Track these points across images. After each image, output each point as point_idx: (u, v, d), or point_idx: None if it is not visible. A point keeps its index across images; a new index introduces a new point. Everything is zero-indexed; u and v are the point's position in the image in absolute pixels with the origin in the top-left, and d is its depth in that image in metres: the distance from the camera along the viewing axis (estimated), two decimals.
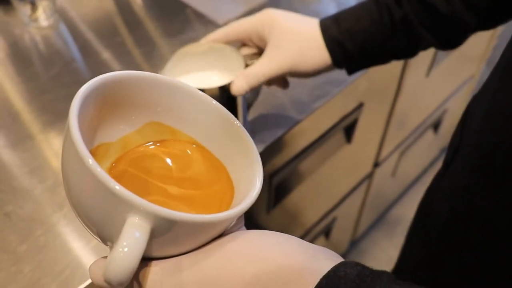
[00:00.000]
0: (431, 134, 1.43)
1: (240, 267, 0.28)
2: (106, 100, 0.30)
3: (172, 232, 0.25)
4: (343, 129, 0.88)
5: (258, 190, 0.30)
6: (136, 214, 0.23)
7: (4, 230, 0.57)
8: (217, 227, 0.28)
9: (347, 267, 0.28)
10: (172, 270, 0.28)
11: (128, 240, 0.23)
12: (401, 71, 0.93)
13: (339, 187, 1.09)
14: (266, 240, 0.30)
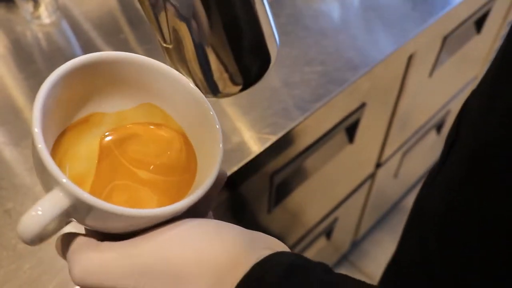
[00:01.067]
0: (434, 135, 1.42)
1: (176, 255, 0.29)
2: (99, 76, 0.32)
3: (95, 214, 0.28)
4: (345, 129, 0.88)
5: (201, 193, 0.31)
6: (60, 189, 0.27)
7: (4, 227, 0.56)
8: (140, 220, 0.29)
9: (282, 256, 0.29)
10: (91, 254, 0.29)
11: (43, 206, 0.27)
12: (404, 71, 0.92)
13: (341, 187, 1.09)
14: (206, 229, 0.30)
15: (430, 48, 0.97)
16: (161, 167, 0.35)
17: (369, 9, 0.86)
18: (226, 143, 0.66)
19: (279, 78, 0.74)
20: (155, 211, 0.29)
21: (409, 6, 0.87)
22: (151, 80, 0.34)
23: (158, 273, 0.29)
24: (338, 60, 0.77)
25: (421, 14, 0.86)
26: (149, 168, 0.34)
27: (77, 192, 0.27)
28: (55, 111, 0.30)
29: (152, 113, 0.36)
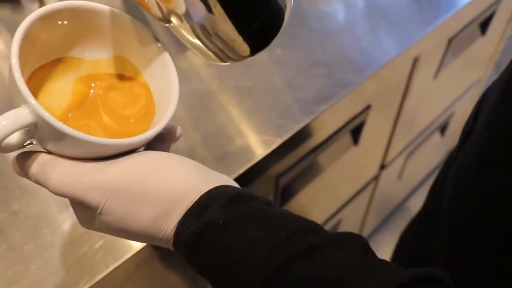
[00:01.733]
0: (438, 136, 1.42)
1: (138, 178, 0.33)
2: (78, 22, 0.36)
3: (57, 135, 0.31)
4: (350, 131, 0.88)
5: (154, 132, 0.34)
6: (26, 106, 0.30)
7: (11, 229, 0.57)
8: (96, 147, 0.32)
9: (230, 188, 0.33)
10: (67, 167, 0.33)
11: (7, 119, 0.30)
12: (409, 73, 0.92)
13: (345, 189, 1.09)
14: (167, 160, 0.34)
15: (435, 50, 0.97)
16: (124, 118, 0.38)
17: (374, 10, 0.86)
18: (230, 146, 0.66)
19: (284, 80, 0.74)
20: (116, 140, 0.32)
21: (415, 8, 0.87)
22: (123, 33, 0.38)
23: (120, 192, 0.32)
24: (343, 62, 0.77)
25: (427, 17, 0.86)
26: (113, 116, 0.37)
27: (40, 111, 0.30)
28: (33, 47, 0.33)
29: (124, 65, 0.39)
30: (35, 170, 0.33)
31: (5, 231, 0.57)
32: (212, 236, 0.31)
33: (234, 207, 0.32)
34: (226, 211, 0.32)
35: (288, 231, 0.31)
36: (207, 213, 0.32)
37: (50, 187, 0.33)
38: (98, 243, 0.56)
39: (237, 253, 0.31)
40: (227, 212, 0.32)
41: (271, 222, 0.32)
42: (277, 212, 0.33)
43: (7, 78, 0.72)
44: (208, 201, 0.32)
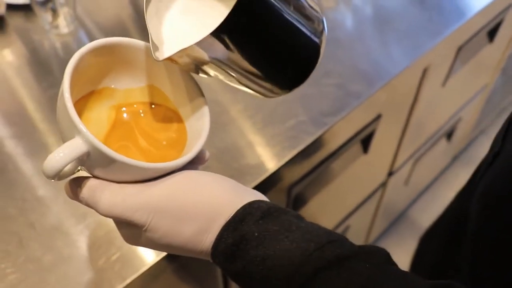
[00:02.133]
0: (444, 142, 1.43)
1: (179, 197, 0.36)
2: (113, 56, 0.39)
3: (106, 161, 0.33)
4: (360, 140, 0.88)
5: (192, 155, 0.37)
6: (80, 137, 0.33)
7: (29, 240, 0.57)
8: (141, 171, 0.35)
9: (263, 202, 0.36)
10: (115, 190, 0.35)
11: (65, 150, 0.32)
12: (419, 81, 0.93)
13: (354, 196, 1.09)
14: (204, 178, 0.37)
15: (445, 59, 0.97)
16: (158, 141, 0.41)
17: (384, 20, 0.87)
18: (243, 159, 0.66)
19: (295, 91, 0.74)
20: (160, 164, 0.35)
21: (425, 17, 0.87)
22: (152, 64, 0.40)
23: (164, 211, 0.35)
24: (354, 72, 0.77)
25: (437, 26, 0.86)
26: (148, 140, 0.40)
27: (94, 141, 0.32)
28: (77, 79, 0.36)
29: (154, 93, 0.42)
30: (86, 195, 0.36)
31: (23, 242, 0.57)
32: (248, 247, 0.34)
33: (267, 220, 0.35)
34: (260, 224, 0.35)
35: (318, 243, 0.34)
36: (243, 226, 0.35)
37: (100, 209, 0.36)
38: (115, 255, 0.56)
39: (270, 263, 0.34)
40: (261, 225, 0.35)
41: (301, 235, 0.34)
42: (307, 224, 0.36)
43: (16, 88, 0.72)
44: (244, 215, 0.35)
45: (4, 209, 0.60)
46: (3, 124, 0.69)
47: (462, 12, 0.90)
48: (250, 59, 0.36)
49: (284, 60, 0.38)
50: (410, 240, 1.61)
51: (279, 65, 0.38)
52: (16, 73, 0.78)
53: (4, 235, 0.58)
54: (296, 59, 0.38)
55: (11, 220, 0.59)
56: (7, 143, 0.67)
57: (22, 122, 0.70)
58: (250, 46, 0.35)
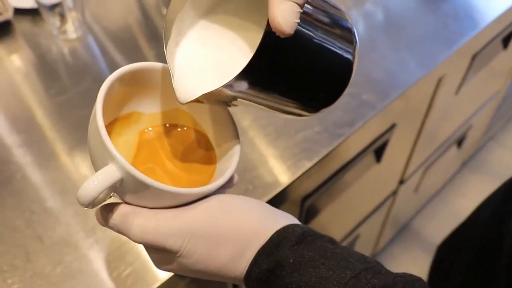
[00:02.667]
0: (455, 149, 1.41)
1: (215, 221, 0.35)
2: (141, 80, 0.38)
3: (140, 188, 0.33)
4: (374, 150, 0.87)
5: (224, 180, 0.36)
6: (114, 163, 0.32)
7: (37, 254, 0.56)
8: (176, 197, 0.34)
9: (297, 227, 0.35)
10: (148, 216, 0.35)
11: (99, 178, 0.32)
12: (434, 90, 0.91)
13: (365, 205, 1.08)
14: (238, 202, 0.37)
15: (459, 67, 0.95)
16: (185, 165, 0.40)
17: (397, 26, 0.85)
18: (254, 171, 0.64)
19: None
20: (195, 190, 0.34)
21: (439, 24, 0.86)
22: None
23: (198, 236, 0.34)
24: (368, 82, 0.75)
25: (452, 34, 0.84)
26: (175, 163, 0.40)
27: (128, 167, 0.32)
28: (106, 105, 0.36)
29: (181, 117, 0.42)
30: (117, 221, 0.35)
31: (31, 257, 0.55)
32: (284, 273, 0.34)
33: (303, 246, 0.34)
34: (295, 250, 0.34)
35: (353, 270, 0.33)
36: (278, 252, 0.34)
37: (132, 235, 0.35)
38: (127, 270, 0.54)
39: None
40: (297, 251, 0.34)
41: (337, 261, 0.34)
42: (342, 250, 0.35)
43: (23, 94, 0.71)
44: (279, 240, 0.35)
45: (11, 220, 0.58)
46: (10, 131, 0.68)
47: (478, 19, 0.88)
48: (279, 92, 0.34)
49: (315, 87, 0.36)
50: (417, 248, 1.59)
51: (310, 92, 0.36)
52: (24, 78, 0.76)
53: (11, 248, 0.56)
54: (328, 82, 0.37)
55: (18, 233, 0.57)
56: (15, 152, 0.65)
57: (30, 130, 0.68)
58: (278, 80, 0.33)
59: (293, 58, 0.32)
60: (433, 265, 0.76)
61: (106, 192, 0.35)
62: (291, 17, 0.28)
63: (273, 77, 0.32)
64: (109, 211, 0.36)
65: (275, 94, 0.34)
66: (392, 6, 0.89)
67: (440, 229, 1.63)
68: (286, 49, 0.31)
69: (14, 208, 0.59)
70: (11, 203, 0.60)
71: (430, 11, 0.88)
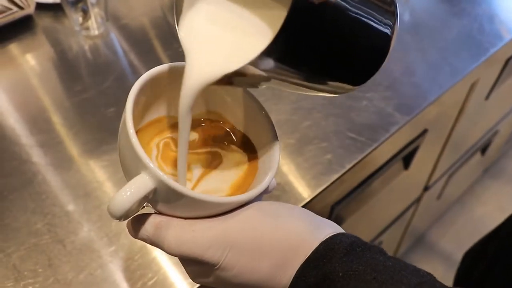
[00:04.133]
0: (479, 156, 1.38)
1: (253, 231, 0.32)
2: (170, 82, 0.36)
3: (174, 197, 0.31)
4: (402, 157, 0.83)
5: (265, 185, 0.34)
6: (147, 173, 0.30)
7: (59, 259, 0.53)
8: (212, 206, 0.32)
9: (344, 236, 0.33)
10: (183, 226, 0.32)
11: (131, 188, 0.30)
12: (466, 95, 0.88)
13: (390, 212, 1.05)
14: (279, 211, 0.34)
15: (492, 72, 0.92)
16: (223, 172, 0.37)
17: (431, 29, 0.82)
18: (285, 177, 0.62)
19: (342, 103, 0.69)
20: (233, 198, 0.32)
21: (475, 28, 0.82)
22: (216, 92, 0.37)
23: (238, 247, 0.32)
24: (404, 85, 0.72)
25: (487, 37, 0.81)
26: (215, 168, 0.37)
27: (162, 177, 0.30)
28: (135, 111, 0.34)
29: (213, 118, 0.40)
30: (151, 233, 0.33)
31: (52, 261, 0.53)
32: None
33: (352, 258, 0.32)
34: (344, 262, 0.32)
35: (407, 285, 0.31)
36: (325, 264, 0.32)
37: (166, 247, 0.33)
38: (152, 280, 0.52)
39: None
40: (346, 263, 0.32)
41: (389, 275, 0.31)
42: (394, 262, 0.32)
43: (43, 92, 0.68)
44: (325, 252, 0.32)
45: (32, 224, 0.56)
46: (30, 131, 0.66)
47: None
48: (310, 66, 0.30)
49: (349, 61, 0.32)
50: (436, 254, 1.55)
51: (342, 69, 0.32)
52: (43, 76, 0.74)
53: (31, 253, 0.54)
54: (363, 56, 0.32)
55: (39, 237, 0.55)
56: (36, 152, 0.63)
57: (50, 130, 0.66)
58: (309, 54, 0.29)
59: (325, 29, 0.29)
60: (460, 271, 0.73)
61: (139, 203, 0.33)
62: None
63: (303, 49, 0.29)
64: (141, 222, 0.34)
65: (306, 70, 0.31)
66: (420, 8, 0.86)
67: (459, 236, 1.59)
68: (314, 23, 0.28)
69: (35, 211, 0.57)
70: (32, 205, 0.58)
71: (463, 15, 0.85)
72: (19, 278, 0.52)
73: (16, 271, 0.52)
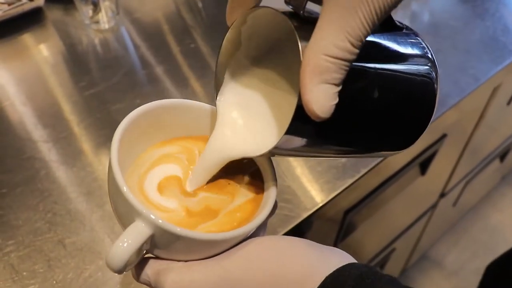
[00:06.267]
0: (497, 162, 1.34)
1: (255, 268, 0.31)
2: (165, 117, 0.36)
3: (171, 240, 0.30)
4: (420, 162, 0.80)
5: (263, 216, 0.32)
6: (141, 219, 0.29)
7: (59, 261, 0.51)
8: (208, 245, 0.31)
9: (353, 267, 0.30)
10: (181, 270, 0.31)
11: (128, 238, 0.29)
12: (488, 99, 0.84)
13: (404, 218, 1.02)
14: (281, 244, 0.32)
15: None
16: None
17: (456, 33, 0.79)
18: (297, 181, 0.59)
19: None
20: (229, 233, 0.30)
21: (499, 29, 0.79)
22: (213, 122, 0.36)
23: (241, 286, 0.30)
24: None
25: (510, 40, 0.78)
26: None
27: (157, 222, 0.29)
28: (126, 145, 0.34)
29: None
30: (151, 280, 0.32)
31: (52, 262, 0.51)
32: None
33: None
34: None
35: None
36: None
37: None
38: None
39: None
40: None
41: None
42: None
43: (51, 86, 0.65)
44: (333, 286, 0.30)
45: (32, 222, 0.54)
46: (36, 125, 0.64)
47: None
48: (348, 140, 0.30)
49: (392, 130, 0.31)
50: (448, 262, 1.52)
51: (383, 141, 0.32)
52: (52, 69, 0.72)
53: (31, 253, 0.52)
54: (410, 118, 0.31)
55: (39, 236, 0.53)
56: (41, 147, 0.61)
57: (57, 125, 0.64)
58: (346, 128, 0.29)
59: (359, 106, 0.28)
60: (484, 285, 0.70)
61: (137, 253, 0.32)
62: (327, 101, 0.24)
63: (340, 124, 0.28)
64: (141, 267, 0.33)
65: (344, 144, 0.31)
66: (440, 8, 0.82)
67: (474, 245, 1.55)
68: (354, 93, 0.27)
69: (37, 208, 0.55)
70: (33, 202, 0.56)
71: (486, 17, 0.82)
72: (17, 279, 0.50)
73: (15, 271, 0.50)
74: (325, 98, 0.24)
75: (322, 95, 0.24)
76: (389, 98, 0.29)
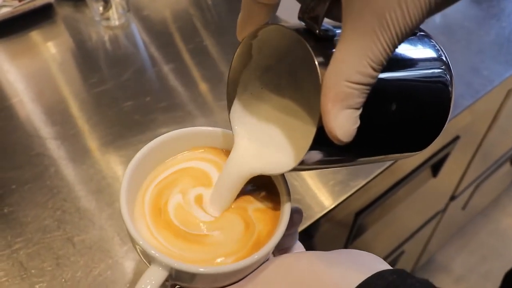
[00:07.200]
0: (508, 166, 1.32)
1: None
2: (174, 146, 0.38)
3: (188, 277, 0.31)
4: (432, 164, 0.79)
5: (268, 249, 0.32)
6: (157, 264, 0.30)
7: (67, 259, 0.51)
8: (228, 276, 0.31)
9: (380, 278, 0.29)
10: None
11: (146, 285, 0.30)
12: (502, 101, 0.83)
13: (414, 220, 1.01)
14: (300, 264, 0.31)
15: None
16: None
17: (472, 35, 0.77)
18: (309, 181, 0.58)
19: None
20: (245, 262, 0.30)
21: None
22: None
23: None
24: None
25: None
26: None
27: (172, 263, 0.30)
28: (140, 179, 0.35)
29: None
30: None
31: (60, 260, 0.51)
32: None
33: None
34: None
35: None
36: None
37: None
38: None
39: None
40: None
41: None
42: None
43: (60, 83, 0.64)
44: None
45: (41, 219, 0.54)
46: (45, 122, 0.63)
47: None
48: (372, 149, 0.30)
49: (409, 135, 0.31)
50: (456, 266, 1.50)
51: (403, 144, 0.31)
52: (61, 66, 0.72)
53: (40, 250, 0.51)
54: (425, 121, 0.31)
55: (48, 233, 0.53)
56: (50, 145, 0.61)
57: (66, 122, 0.63)
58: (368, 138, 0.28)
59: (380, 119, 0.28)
60: None
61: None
62: (350, 126, 0.24)
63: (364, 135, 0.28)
64: None
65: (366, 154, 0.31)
66: (453, 8, 0.81)
67: (483, 248, 1.54)
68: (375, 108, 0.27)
69: (46, 205, 0.55)
70: (42, 199, 0.55)
71: (501, 18, 0.80)
72: (25, 276, 0.49)
73: (23, 269, 0.50)
74: (348, 123, 0.24)
75: (345, 120, 0.24)
76: (406, 107, 0.29)
